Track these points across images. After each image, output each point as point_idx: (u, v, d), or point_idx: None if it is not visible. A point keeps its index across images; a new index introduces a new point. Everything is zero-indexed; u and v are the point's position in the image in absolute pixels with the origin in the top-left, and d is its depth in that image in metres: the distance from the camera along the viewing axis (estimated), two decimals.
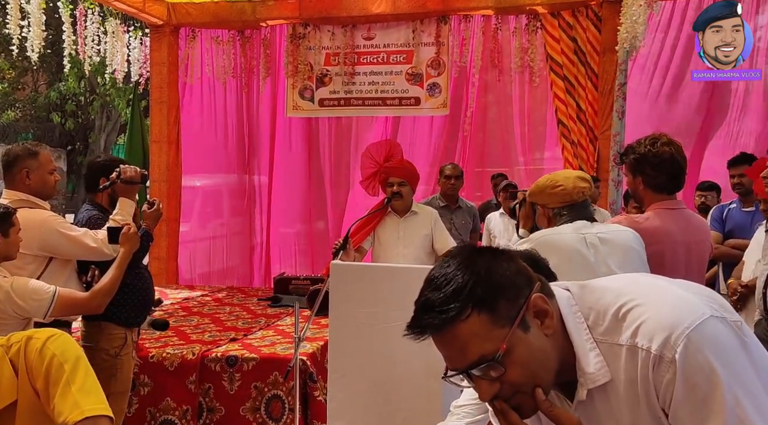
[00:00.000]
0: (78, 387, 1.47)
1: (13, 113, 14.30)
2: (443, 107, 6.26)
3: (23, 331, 1.60)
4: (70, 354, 1.52)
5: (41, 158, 2.95)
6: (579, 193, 2.45)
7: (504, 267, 1.10)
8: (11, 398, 1.50)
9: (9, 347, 1.54)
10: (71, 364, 1.50)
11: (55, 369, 1.49)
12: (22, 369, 1.51)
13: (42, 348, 1.51)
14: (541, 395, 1.10)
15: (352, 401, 3.32)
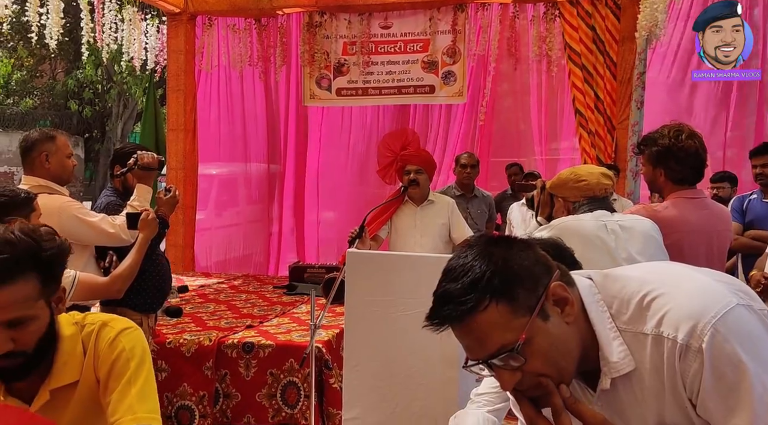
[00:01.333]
0: (137, 390, 1.48)
1: (31, 101, 14.41)
2: (459, 95, 6.22)
3: (100, 314, 1.61)
4: (138, 352, 1.54)
5: (58, 143, 2.97)
6: (601, 189, 2.44)
7: (522, 256, 1.10)
8: (74, 378, 1.52)
9: (83, 326, 1.56)
10: (136, 362, 1.52)
11: (121, 364, 1.51)
12: (90, 353, 1.53)
13: (114, 339, 1.53)
14: (565, 391, 1.09)
15: (368, 389, 3.32)
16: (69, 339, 1.53)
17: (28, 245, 1.42)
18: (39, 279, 1.43)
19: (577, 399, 1.10)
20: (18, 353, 1.42)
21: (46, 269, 1.45)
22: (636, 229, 2.34)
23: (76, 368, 1.52)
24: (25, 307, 1.41)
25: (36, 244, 1.43)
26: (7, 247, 1.39)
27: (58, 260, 1.49)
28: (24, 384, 1.50)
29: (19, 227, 1.46)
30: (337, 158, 7.07)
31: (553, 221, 2.42)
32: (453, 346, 3.18)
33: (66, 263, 1.54)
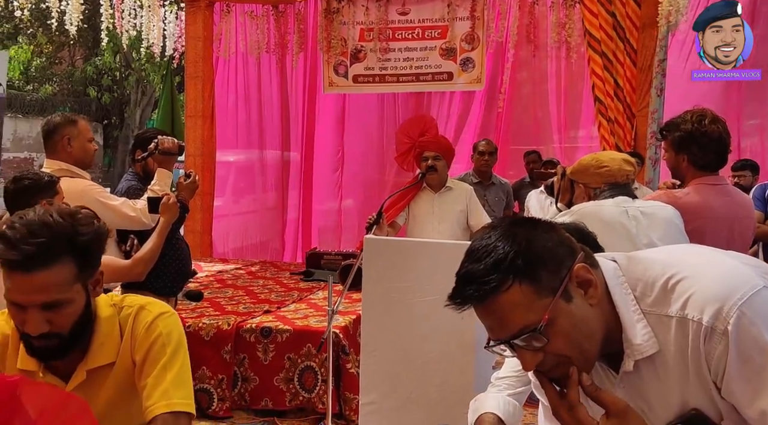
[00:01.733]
0: (173, 376, 1.50)
1: (50, 87, 14.52)
2: (477, 82, 6.19)
3: (138, 297, 1.63)
4: (174, 337, 1.55)
5: (80, 126, 3.00)
6: (623, 176, 2.43)
7: (545, 238, 1.10)
8: (110, 359, 1.54)
9: (121, 308, 1.58)
10: (173, 348, 1.53)
11: (157, 349, 1.52)
12: (127, 336, 1.55)
13: (152, 322, 1.55)
14: (586, 379, 1.09)
15: (385, 374, 3.34)
16: (106, 320, 1.55)
17: (65, 229, 1.42)
18: (75, 263, 1.44)
19: (599, 387, 1.10)
20: (53, 334, 1.43)
21: (82, 253, 1.45)
22: (657, 215, 2.32)
23: (113, 349, 1.54)
24: (61, 291, 1.42)
25: (73, 228, 1.43)
26: (44, 230, 1.40)
27: (95, 245, 1.49)
28: (62, 363, 1.52)
29: (57, 210, 1.46)
30: (354, 145, 7.07)
31: (574, 207, 2.41)
32: (470, 332, 3.18)
33: (104, 248, 1.54)
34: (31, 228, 1.39)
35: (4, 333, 1.57)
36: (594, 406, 1.11)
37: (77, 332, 1.48)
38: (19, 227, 1.39)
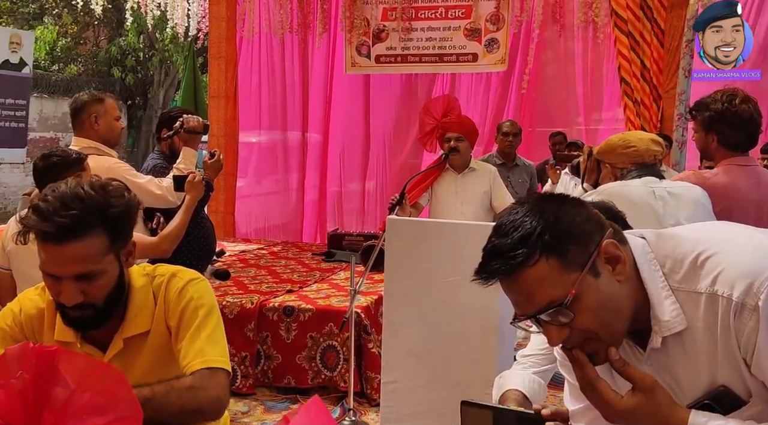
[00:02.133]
0: (207, 335, 1.53)
1: (75, 68, 14.63)
2: (501, 63, 6.14)
3: (169, 266, 1.67)
4: (207, 300, 1.58)
5: (107, 105, 3.03)
6: (651, 156, 2.40)
7: (573, 213, 1.09)
8: (146, 327, 1.58)
9: (153, 277, 1.62)
10: (206, 310, 1.56)
11: (190, 312, 1.55)
12: (161, 303, 1.58)
13: (183, 288, 1.58)
14: (614, 353, 1.09)
15: (407, 354, 3.35)
16: (140, 290, 1.59)
17: (97, 201, 1.45)
18: (107, 235, 1.46)
19: (626, 362, 1.10)
20: (88, 305, 1.47)
21: (114, 225, 1.47)
22: (685, 196, 2.30)
23: (148, 318, 1.58)
24: (94, 262, 1.45)
25: (104, 200, 1.46)
26: (76, 202, 1.42)
27: (127, 216, 1.51)
28: (98, 333, 1.56)
29: (89, 183, 1.49)
30: (376, 127, 7.05)
31: (600, 187, 2.39)
32: (493, 313, 3.18)
33: (135, 219, 1.57)
34: (64, 201, 1.42)
35: (39, 306, 1.61)
36: (620, 381, 1.11)
37: (111, 302, 1.51)
38: (52, 200, 1.42)
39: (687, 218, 2.17)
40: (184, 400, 1.42)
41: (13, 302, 1.66)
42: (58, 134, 12.20)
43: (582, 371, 1.10)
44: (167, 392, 1.41)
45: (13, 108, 9.90)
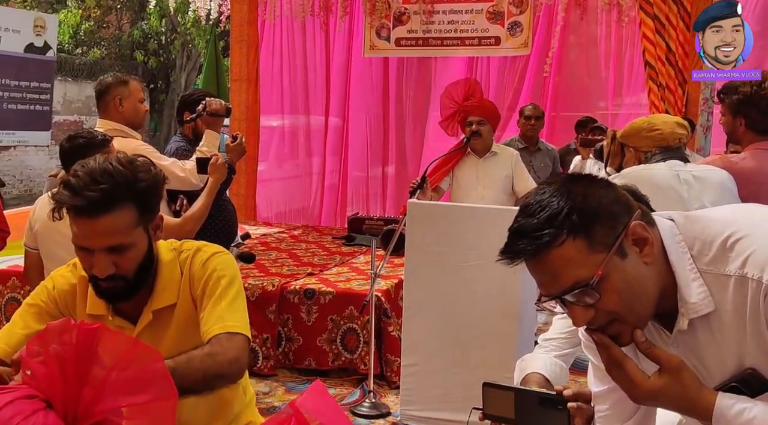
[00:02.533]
0: (227, 303, 1.57)
1: (99, 51, 14.74)
2: (524, 46, 6.08)
3: (195, 241, 1.73)
4: (229, 272, 1.63)
5: (131, 87, 3.04)
6: (676, 139, 2.37)
7: (602, 194, 1.08)
8: (172, 300, 1.63)
9: (180, 252, 1.68)
10: (227, 280, 1.61)
11: (213, 282, 1.60)
12: (186, 276, 1.64)
13: (207, 260, 1.64)
14: (640, 335, 1.08)
15: (427, 337, 3.37)
16: (168, 264, 1.64)
17: (125, 175, 1.49)
18: (136, 208, 1.52)
19: (653, 344, 1.10)
20: (119, 276, 1.53)
21: (142, 198, 1.53)
22: (710, 179, 2.27)
23: (174, 290, 1.63)
24: (124, 234, 1.50)
25: (132, 175, 1.51)
26: (105, 177, 1.47)
27: (153, 190, 1.57)
28: (129, 305, 1.62)
29: (116, 159, 1.54)
30: (394, 111, 7.02)
31: (624, 171, 2.37)
32: (514, 298, 3.18)
33: (162, 193, 1.63)
34: (94, 176, 1.47)
35: (71, 282, 1.67)
36: (646, 363, 1.10)
37: (141, 274, 1.57)
38: (82, 176, 1.47)
39: (712, 202, 2.15)
40: (206, 366, 1.46)
41: (47, 280, 1.72)
42: (82, 117, 12.32)
43: (608, 352, 1.10)
44: (188, 361, 1.44)
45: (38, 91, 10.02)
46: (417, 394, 3.39)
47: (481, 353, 3.16)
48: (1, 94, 9.54)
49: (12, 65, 9.54)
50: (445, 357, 3.31)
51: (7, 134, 9.95)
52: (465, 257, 3.23)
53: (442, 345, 3.33)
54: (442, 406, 3.28)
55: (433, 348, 3.35)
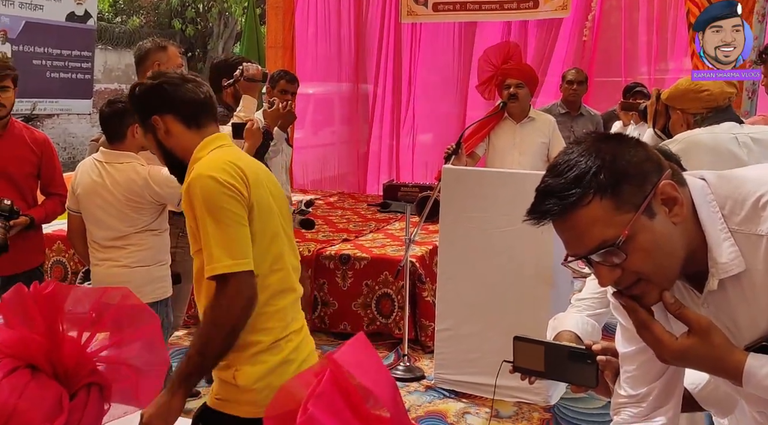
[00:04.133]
0: (208, 239, 1.57)
1: (137, 19, 14.85)
2: (563, 9, 5.94)
3: (205, 160, 1.70)
4: (198, 203, 1.60)
5: (170, 52, 3.07)
6: (725, 98, 2.29)
7: (631, 153, 1.06)
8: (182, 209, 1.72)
9: (192, 170, 1.68)
10: (202, 211, 1.59)
11: (198, 213, 1.61)
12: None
13: (188, 184, 1.63)
14: (668, 296, 1.08)
15: (461, 302, 3.39)
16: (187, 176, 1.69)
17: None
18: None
19: (682, 304, 1.09)
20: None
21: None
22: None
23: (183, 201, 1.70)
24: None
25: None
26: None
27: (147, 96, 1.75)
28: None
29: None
30: (430, 77, 6.96)
31: (679, 136, 2.28)
32: (547, 264, 3.17)
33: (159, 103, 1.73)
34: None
35: None
36: (675, 325, 1.10)
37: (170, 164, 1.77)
38: None
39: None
40: (221, 336, 1.55)
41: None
42: (122, 85, 12.46)
43: (635, 315, 1.10)
44: (202, 346, 1.56)
45: (79, 60, 10.15)
46: (451, 358, 3.42)
47: (514, 318, 3.17)
48: (44, 62, 9.68)
49: (54, 34, 9.66)
50: (479, 322, 3.34)
51: (50, 103, 10.12)
52: (499, 222, 3.23)
53: (476, 310, 3.35)
54: (475, 370, 3.31)
55: (466, 313, 3.38)
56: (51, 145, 2.91)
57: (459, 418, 3.24)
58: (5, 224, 2.57)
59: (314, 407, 0.90)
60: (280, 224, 1.71)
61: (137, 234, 2.65)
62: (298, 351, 1.69)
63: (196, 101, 1.73)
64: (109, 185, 2.61)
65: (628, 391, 1.26)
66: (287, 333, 1.67)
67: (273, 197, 1.70)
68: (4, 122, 2.72)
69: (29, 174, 2.80)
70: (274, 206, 1.70)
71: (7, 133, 2.75)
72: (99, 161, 2.66)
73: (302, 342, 1.71)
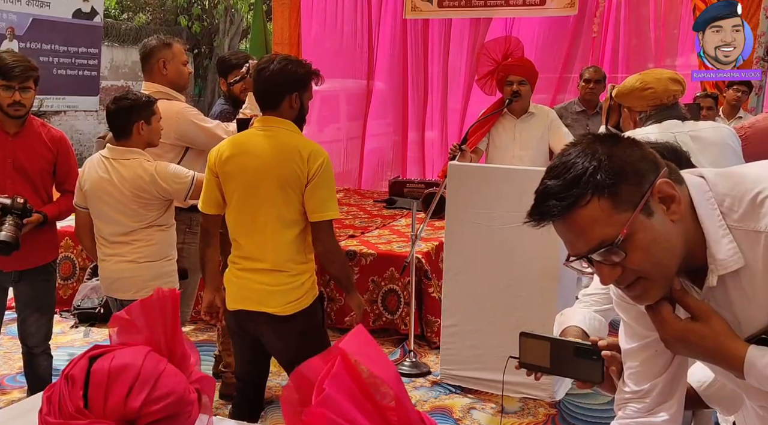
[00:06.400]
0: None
1: (144, 16, 14.90)
2: (570, 6, 5.92)
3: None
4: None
5: (175, 49, 3.08)
6: (670, 96, 2.29)
7: (627, 153, 1.08)
8: None
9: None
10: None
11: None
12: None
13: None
14: (677, 283, 1.09)
15: (467, 298, 3.40)
16: None
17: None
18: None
19: (687, 292, 1.11)
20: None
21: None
22: (710, 139, 2.22)
23: None
24: None
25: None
26: None
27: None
28: None
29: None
30: (438, 74, 6.95)
31: (624, 134, 2.30)
32: (553, 260, 3.17)
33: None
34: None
35: None
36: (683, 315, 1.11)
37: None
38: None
39: (711, 162, 2.08)
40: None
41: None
42: (129, 82, 12.50)
43: (656, 313, 1.12)
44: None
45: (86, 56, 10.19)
46: (457, 354, 3.43)
47: (520, 314, 3.17)
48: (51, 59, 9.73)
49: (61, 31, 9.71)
50: (485, 318, 3.34)
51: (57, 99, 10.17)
52: (505, 218, 3.23)
53: (482, 306, 3.35)
54: (481, 366, 3.32)
55: (472, 309, 3.38)
56: (67, 143, 2.93)
57: (465, 414, 3.25)
58: (18, 222, 2.60)
59: (330, 386, 0.92)
60: None
61: (144, 230, 2.67)
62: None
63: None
64: (116, 181, 2.62)
65: (631, 387, 1.27)
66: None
67: None
68: (23, 119, 2.74)
69: (45, 171, 2.83)
70: None
71: (25, 130, 2.77)
72: (106, 158, 2.67)
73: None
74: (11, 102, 2.65)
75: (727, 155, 2.22)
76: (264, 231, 2.28)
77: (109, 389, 0.99)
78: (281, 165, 2.25)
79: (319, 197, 2.29)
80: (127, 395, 0.99)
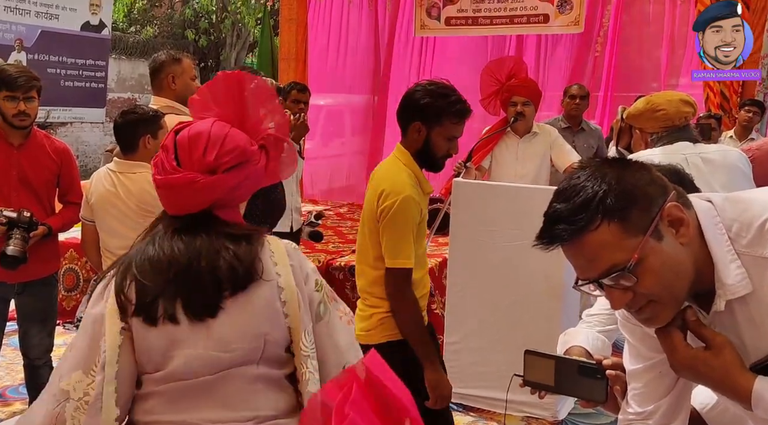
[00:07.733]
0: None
1: (151, 30, 15.01)
2: (575, 24, 5.96)
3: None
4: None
5: (184, 65, 3.10)
6: (681, 118, 2.30)
7: (636, 177, 1.08)
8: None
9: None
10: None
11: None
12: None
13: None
14: (691, 314, 1.09)
15: (470, 315, 3.39)
16: None
17: None
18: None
19: (702, 323, 1.10)
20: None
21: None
22: (720, 161, 2.22)
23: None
24: None
25: None
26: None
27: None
28: None
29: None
30: None
31: (634, 155, 2.30)
32: (558, 278, 3.17)
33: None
34: None
35: None
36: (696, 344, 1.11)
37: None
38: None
39: (722, 185, 2.09)
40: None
41: None
42: (135, 94, 12.58)
43: (669, 338, 1.12)
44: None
45: (93, 69, 10.26)
46: (460, 371, 3.42)
47: (524, 332, 3.16)
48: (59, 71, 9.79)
49: (69, 43, 9.78)
50: (488, 336, 3.33)
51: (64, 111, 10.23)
52: (509, 236, 3.24)
53: (485, 323, 3.35)
54: (484, 384, 3.31)
55: (476, 326, 3.38)
56: (71, 154, 2.95)
57: None
58: (25, 236, 2.62)
59: (352, 411, 0.96)
60: None
61: None
62: None
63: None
64: (122, 195, 2.64)
65: (635, 408, 1.27)
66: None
67: None
68: (27, 131, 2.77)
69: (48, 182, 2.85)
70: None
71: (30, 142, 2.79)
72: (113, 171, 2.69)
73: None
74: (16, 112, 2.68)
75: (737, 177, 2.23)
76: None
77: (190, 150, 1.30)
78: None
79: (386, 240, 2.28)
80: (204, 152, 1.29)
